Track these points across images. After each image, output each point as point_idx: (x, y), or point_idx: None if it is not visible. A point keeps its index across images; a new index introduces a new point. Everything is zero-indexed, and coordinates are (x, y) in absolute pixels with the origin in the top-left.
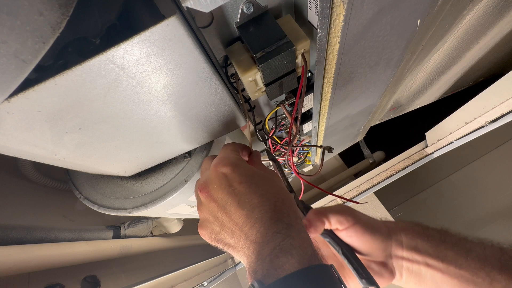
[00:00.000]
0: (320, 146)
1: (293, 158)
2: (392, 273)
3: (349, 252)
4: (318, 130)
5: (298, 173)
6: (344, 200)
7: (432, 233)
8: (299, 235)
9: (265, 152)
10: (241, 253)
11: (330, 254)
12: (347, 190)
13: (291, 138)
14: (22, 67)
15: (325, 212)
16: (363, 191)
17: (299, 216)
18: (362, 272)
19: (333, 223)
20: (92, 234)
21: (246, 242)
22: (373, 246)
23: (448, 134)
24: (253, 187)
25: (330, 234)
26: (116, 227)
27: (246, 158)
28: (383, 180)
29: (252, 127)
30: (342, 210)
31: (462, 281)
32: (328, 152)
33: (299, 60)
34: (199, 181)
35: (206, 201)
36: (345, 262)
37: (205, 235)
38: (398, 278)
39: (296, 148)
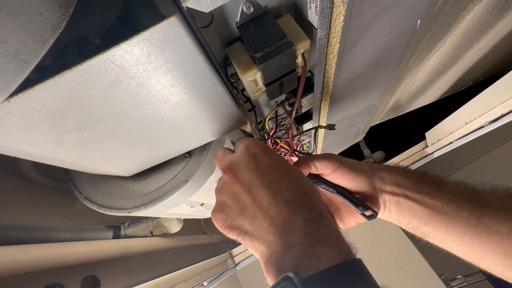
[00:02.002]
0: (320, 126)
1: (293, 158)
2: (378, 206)
3: (342, 189)
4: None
5: (295, 150)
6: None
7: (412, 172)
8: (333, 226)
9: None
10: (260, 241)
11: None
12: None
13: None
14: (22, 67)
15: (311, 158)
16: None
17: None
18: (357, 201)
19: (320, 168)
20: (92, 234)
21: (271, 228)
22: (360, 183)
23: (448, 134)
24: (282, 172)
25: (321, 179)
26: (116, 227)
27: None
28: None
29: (253, 127)
30: (327, 156)
31: (434, 210)
32: (330, 130)
33: (299, 60)
34: (221, 165)
35: (230, 182)
36: (341, 199)
37: (219, 220)
38: (382, 211)
39: (297, 148)
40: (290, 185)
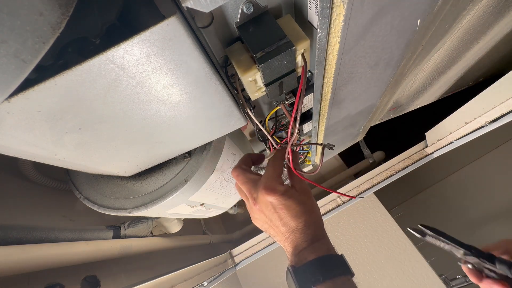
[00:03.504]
0: (321, 144)
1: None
2: None
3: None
4: (318, 130)
5: (296, 171)
6: (348, 197)
7: None
8: (320, 242)
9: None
10: (281, 244)
11: None
12: (347, 190)
13: (291, 137)
14: (22, 67)
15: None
16: (363, 191)
17: (321, 231)
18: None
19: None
20: (92, 234)
21: (286, 242)
22: None
23: (448, 134)
24: (290, 212)
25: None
26: (116, 227)
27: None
28: (383, 180)
29: (255, 126)
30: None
31: None
32: (329, 149)
33: (299, 60)
34: (251, 192)
35: (258, 211)
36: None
37: (257, 225)
38: None
39: (296, 148)
40: (296, 224)
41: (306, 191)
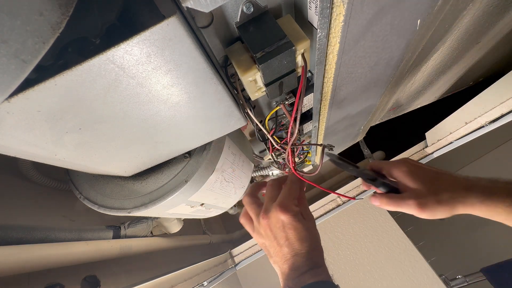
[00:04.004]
0: (320, 145)
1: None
2: None
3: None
4: (318, 130)
5: (296, 170)
6: (347, 198)
7: None
8: (321, 269)
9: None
10: (276, 264)
11: None
12: (347, 190)
13: (291, 137)
14: (22, 67)
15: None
16: (363, 191)
17: (321, 259)
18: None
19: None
20: (92, 234)
21: (284, 265)
22: None
23: (448, 134)
24: (297, 235)
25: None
26: (116, 227)
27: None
28: None
29: (255, 126)
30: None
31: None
32: (329, 150)
33: (299, 60)
34: (264, 207)
35: (265, 225)
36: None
37: (257, 241)
38: None
39: (297, 149)
40: (300, 247)
41: (312, 219)
